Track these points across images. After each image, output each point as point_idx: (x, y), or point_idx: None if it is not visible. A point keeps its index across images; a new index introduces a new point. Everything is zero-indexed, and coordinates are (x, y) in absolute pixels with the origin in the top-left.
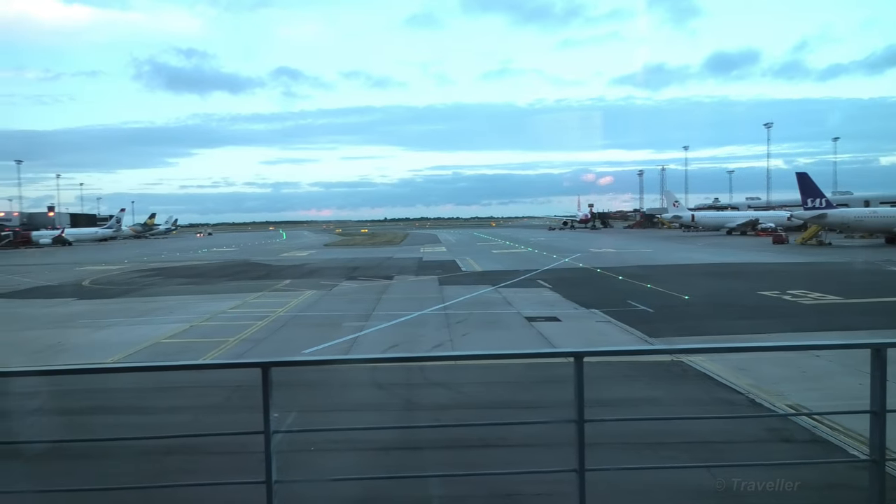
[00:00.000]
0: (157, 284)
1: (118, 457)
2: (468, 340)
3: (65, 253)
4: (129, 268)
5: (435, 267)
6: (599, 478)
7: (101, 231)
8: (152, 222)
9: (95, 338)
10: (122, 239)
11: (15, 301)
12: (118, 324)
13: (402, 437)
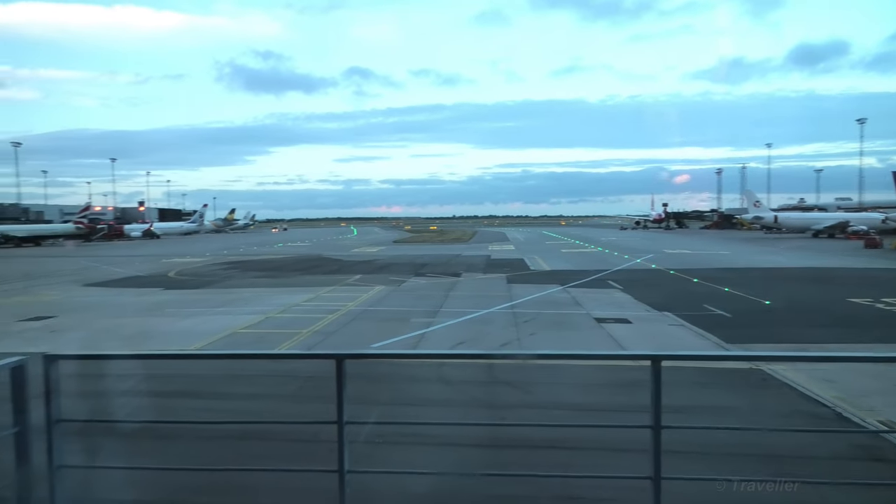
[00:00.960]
0: (235, 277)
1: (198, 439)
2: (535, 340)
3: (153, 245)
4: (211, 260)
5: (503, 265)
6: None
7: (185, 225)
8: (232, 217)
9: (180, 326)
10: (205, 233)
11: (110, 290)
12: (200, 313)
13: (468, 434)
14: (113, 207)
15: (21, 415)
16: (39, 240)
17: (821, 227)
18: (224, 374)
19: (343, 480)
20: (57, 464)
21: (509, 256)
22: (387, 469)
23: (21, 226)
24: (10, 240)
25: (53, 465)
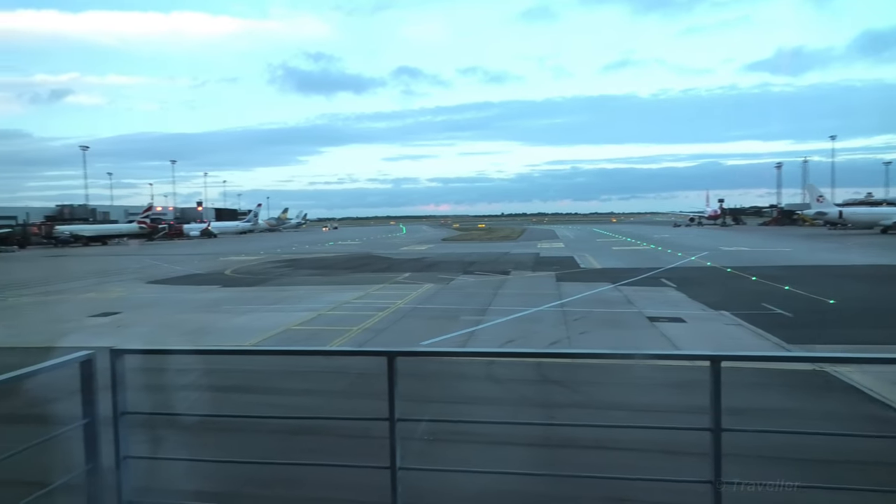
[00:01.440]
0: (288, 275)
1: (254, 432)
2: (586, 339)
3: (210, 244)
4: (265, 259)
5: (552, 263)
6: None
7: (240, 224)
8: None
9: (236, 322)
10: (259, 232)
11: (171, 287)
12: (255, 310)
13: (517, 433)
14: (173, 207)
15: (90, 406)
16: (106, 239)
17: (890, 222)
18: (278, 370)
19: (395, 477)
20: (123, 454)
21: (559, 254)
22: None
23: (89, 226)
24: (80, 239)
25: (120, 455)
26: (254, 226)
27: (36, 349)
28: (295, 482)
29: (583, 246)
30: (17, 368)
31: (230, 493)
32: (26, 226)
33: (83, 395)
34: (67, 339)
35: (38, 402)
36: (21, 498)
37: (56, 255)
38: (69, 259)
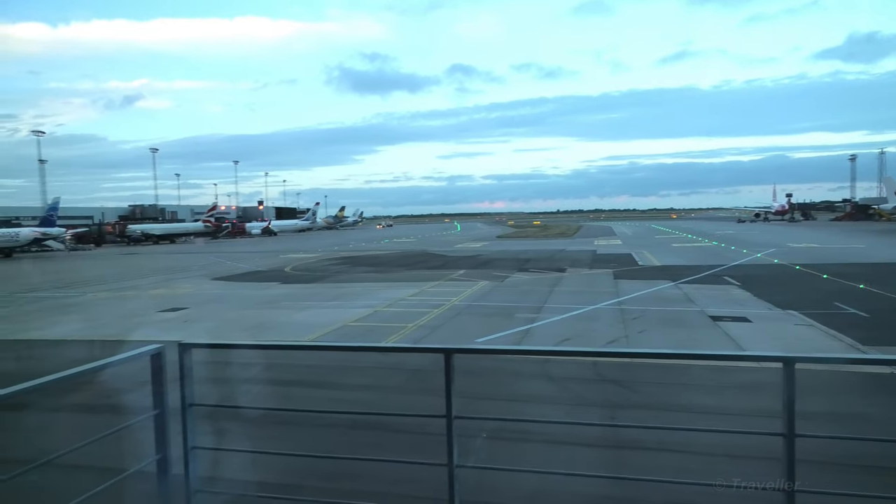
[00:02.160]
0: (345, 272)
1: (314, 426)
2: (645, 338)
3: (271, 242)
4: (322, 256)
5: (609, 260)
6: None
7: (299, 223)
8: (342, 215)
9: (295, 318)
10: (317, 230)
11: (234, 283)
12: (313, 306)
13: (573, 432)
14: (236, 207)
15: (159, 398)
16: (174, 237)
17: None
18: (336, 365)
19: (452, 474)
20: (191, 445)
21: (616, 251)
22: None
23: (158, 225)
24: (150, 237)
25: (188, 445)
26: (312, 224)
27: (111, 342)
28: (354, 476)
29: (641, 242)
30: (93, 360)
31: (291, 484)
32: (102, 225)
33: (153, 387)
34: (138, 332)
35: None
36: (96, 484)
37: (128, 252)
38: (140, 256)
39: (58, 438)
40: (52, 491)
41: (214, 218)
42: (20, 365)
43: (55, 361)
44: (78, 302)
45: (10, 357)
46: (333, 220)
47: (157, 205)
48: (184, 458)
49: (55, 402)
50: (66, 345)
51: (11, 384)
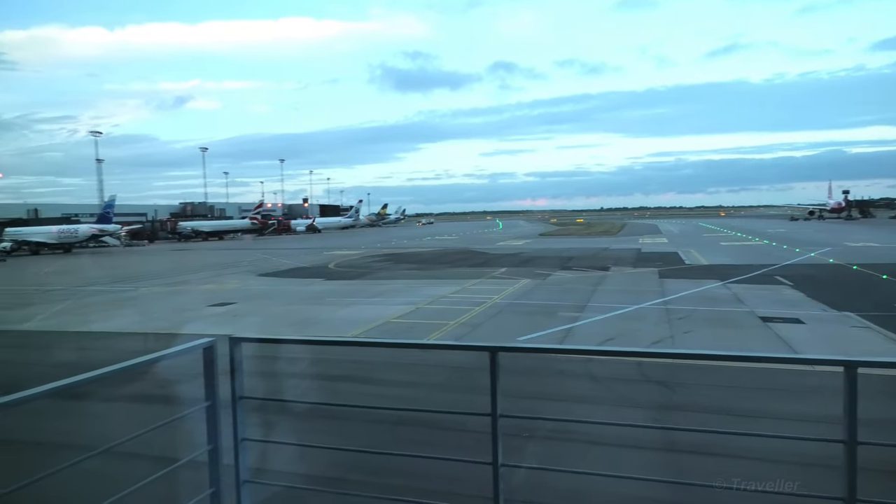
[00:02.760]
0: (387, 269)
1: (358, 421)
2: (691, 339)
3: (315, 239)
4: (365, 253)
5: (655, 259)
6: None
7: (343, 220)
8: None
9: (339, 314)
10: (360, 227)
11: (279, 279)
12: (356, 303)
13: (617, 433)
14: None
15: (211, 390)
16: (222, 234)
17: None
18: (378, 361)
19: (497, 473)
20: (240, 436)
21: (662, 250)
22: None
23: (208, 222)
24: (200, 234)
25: (238, 437)
26: (355, 221)
27: (164, 335)
28: (398, 472)
29: (688, 241)
30: (148, 352)
31: (335, 478)
32: (154, 222)
33: (205, 379)
34: (189, 326)
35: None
36: (151, 472)
37: (179, 248)
38: (191, 252)
39: (116, 426)
40: (112, 477)
41: (261, 215)
42: (81, 355)
43: (113, 353)
44: (133, 296)
45: (72, 347)
46: (376, 217)
47: (206, 202)
48: (234, 449)
49: (114, 392)
50: (123, 337)
51: (73, 374)
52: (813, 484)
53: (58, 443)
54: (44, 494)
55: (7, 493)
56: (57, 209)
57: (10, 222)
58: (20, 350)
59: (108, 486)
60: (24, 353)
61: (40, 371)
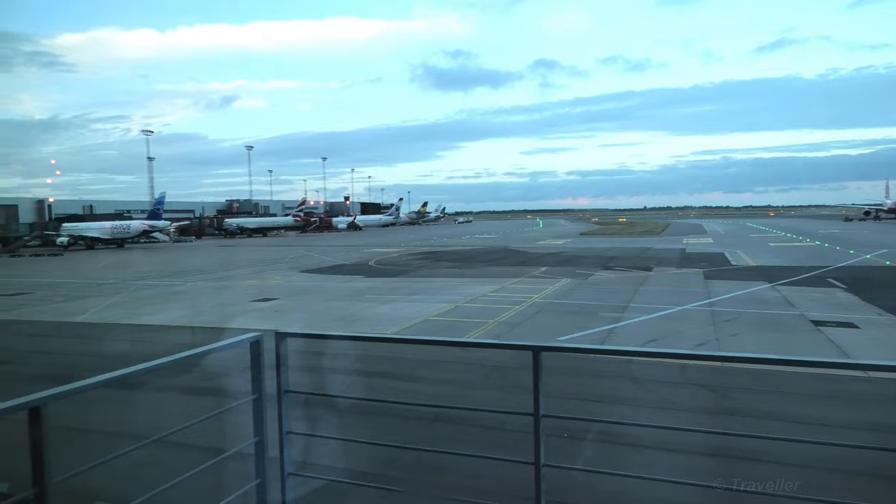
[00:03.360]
0: (426, 267)
1: (398, 417)
2: (737, 342)
3: (356, 236)
4: (405, 251)
5: (700, 259)
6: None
7: (383, 218)
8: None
9: (378, 311)
10: (400, 225)
11: (321, 276)
12: (396, 300)
13: (659, 437)
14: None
15: (258, 384)
16: (266, 231)
17: None
18: (418, 358)
19: (539, 473)
20: (285, 430)
21: (707, 250)
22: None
23: (253, 219)
24: (245, 230)
25: (283, 430)
26: (395, 219)
27: (211, 329)
28: (436, 468)
29: (734, 241)
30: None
31: (374, 473)
32: (202, 218)
33: (252, 373)
34: (234, 321)
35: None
36: (199, 462)
37: (225, 244)
38: (236, 249)
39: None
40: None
41: (303, 213)
42: (133, 347)
43: (162, 345)
44: (181, 290)
45: (124, 339)
46: (416, 215)
47: (251, 200)
48: (279, 441)
49: (165, 382)
50: (171, 330)
51: (125, 365)
52: (872, 493)
53: (113, 431)
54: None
55: (66, 479)
56: (110, 205)
57: (68, 218)
58: (76, 341)
59: (161, 474)
60: (80, 344)
61: (94, 362)
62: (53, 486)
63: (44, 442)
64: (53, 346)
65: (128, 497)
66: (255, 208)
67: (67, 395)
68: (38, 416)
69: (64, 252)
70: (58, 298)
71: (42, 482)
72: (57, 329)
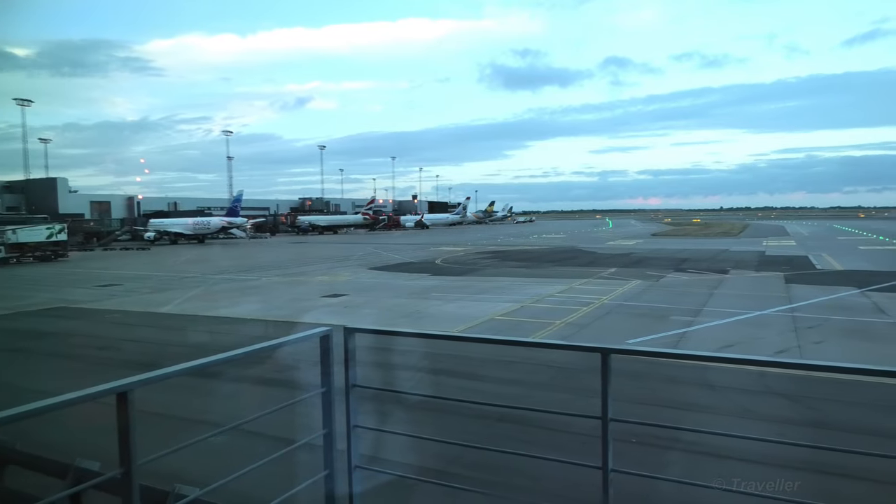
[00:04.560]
0: (493, 266)
1: (462, 416)
2: (822, 350)
3: (423, 235)
4: (471, 249)
5: (780, 262)
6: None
7: (450, 217)
8: (491, 209)
9: (444, 309)
10: (467, 224)
11: (388, 273)
12: (462, 298)
13: (734, 446)
14: (392, 200)
15: (327, 377)
16: (336, 228)
17: None
18: (483, 357)
19: (607, 479)
20: (353, 423)
21: (789, 252)
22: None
23: (324, 216)
24: (316, 228)
25: (350, 424)
26: (462, 218)
27: (283, 322)
28: (499, 468)
29: (820, 244)
30: (268, 338)
31: (437, 469)
32: (276, 216)
33: (322, 367)
34: (305, 315)
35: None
36: (269, 451)
37: (298, 241)
38: (308, 245)
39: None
40: (238, 452)
41: (372, 211)
42: (211, 338)
43: (237, 336)
44: (256, 285)
45: (203, 330)
46: (483, 214)
47: (322, 198)
48: (346, 435)
49: (240, 372)
50: (247, 323)
51: (204, 354)
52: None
53: (191, 417)
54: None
55: (150, 461)
56: (192, 202)
57: (154, 214)
58: (160, 331)
59: (235, 460)
60: (164, 333)
61: (176, 350)
62: (138, 466)
63: (130, 425)
64: (141, 335)
65: (205, 480)
66: (326, 206)
67: (152, 382)
68: (126, 400)
69: (150, 246)
70: (144, 290)
71: (129, 462)
72: (144, 319)
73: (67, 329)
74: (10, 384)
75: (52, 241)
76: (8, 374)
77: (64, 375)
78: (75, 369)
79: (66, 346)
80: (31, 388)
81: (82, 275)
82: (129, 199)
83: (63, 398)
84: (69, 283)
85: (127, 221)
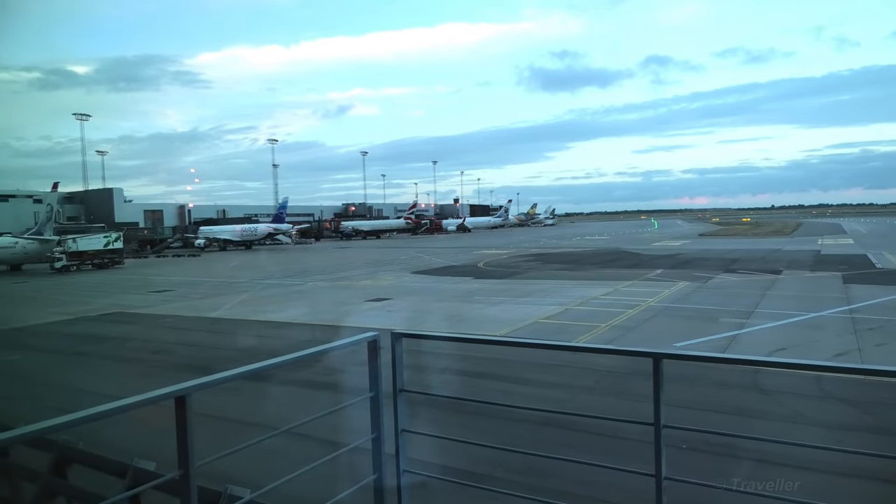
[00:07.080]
0: (536, 269)
1: (505, 420)
2: (883, 352)
3: (466, 238)
4: (514, 252)
5: (837, 262)
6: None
7: (492, 220)
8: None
9: (487, 313)
10: (509, 227)
11: (431, 277)
12: (504, 302)
13: (789, 453)
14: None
15: (375, 381)
16: (379, 233)
17: None
18: (528, 361)
19: (660, 486)
20: (401, 427)
21: (846, 251)
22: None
23: (367, 221)
24: (359, 233)
25: (398, 428)
26: (504, 221)
27: (329, 327)
28: (543, 472)
29: (880, 242)
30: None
31: (481, 473)
32: (320, 221)
33: (370, 371)
34: (349, 319)
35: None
36: (319, 455)
37: (342, 246)
38: (351, 250)
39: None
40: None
41: (415, 215)
42: (259, 342)
43: (285, 341)
44: (302, 289)
45: (252, 335)
46: (525, 217)
47: (365, 203)
48: (395, 439)
49: (287, 377)
50: (294, 327)
51: (253, 358)
52: None
53: (244, 420)
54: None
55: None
56: (240, 210)
57: (204, 221)
58: (211, 335)
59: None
60: (215, 337)
61: (227, 354)
62: (196, 468)
63: (188, 428)
64: (193, 339)
65: (259, 482)
66: (369, 211)
67: (209, 386)
68: (184, 403)
69: (201, 253)
70: (195, 296)
71: (187, 464)
72: (196, 324)
73: (124, 333)
74: (72, 386)
75: (109, 248)
76: (72, 377)
77: (121, 378)
78: (132, 372)
79: (123, 349)
80: (91, 389)
81: (137, 281)
82: (180, 207)
83: (125, 402)
84: (125, 289)
85: (178, 229)
